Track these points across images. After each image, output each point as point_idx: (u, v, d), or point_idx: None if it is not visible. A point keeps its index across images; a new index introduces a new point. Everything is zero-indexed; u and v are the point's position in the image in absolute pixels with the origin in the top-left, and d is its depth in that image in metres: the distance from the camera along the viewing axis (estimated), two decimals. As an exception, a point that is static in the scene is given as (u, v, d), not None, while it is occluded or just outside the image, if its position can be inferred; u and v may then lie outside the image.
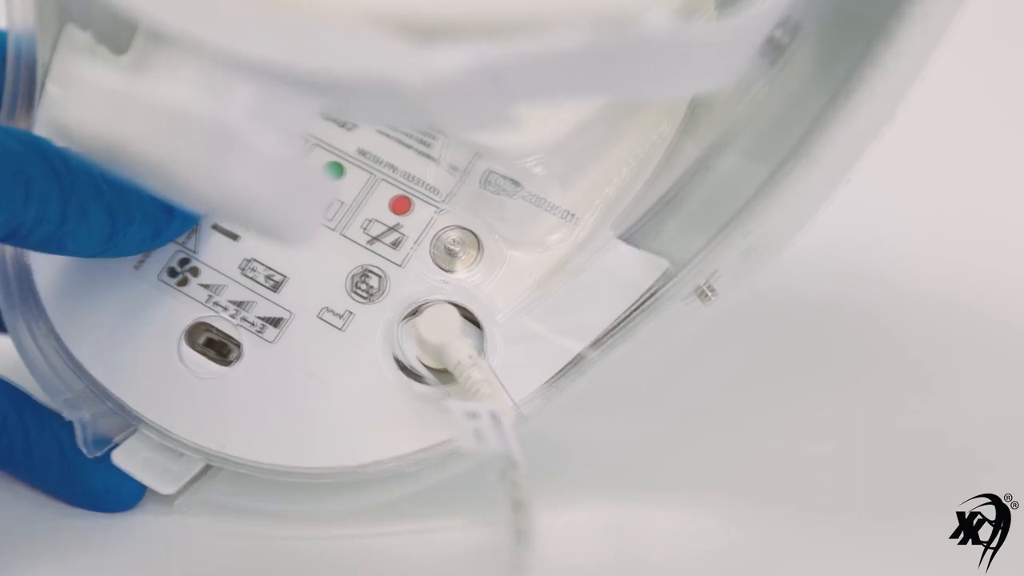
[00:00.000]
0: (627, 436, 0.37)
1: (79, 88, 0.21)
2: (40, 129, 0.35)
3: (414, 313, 0.34)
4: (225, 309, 0.34)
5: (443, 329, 0.32)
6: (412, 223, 0.35)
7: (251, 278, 0.34)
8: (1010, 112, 0.48)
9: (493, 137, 0.20)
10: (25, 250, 0.34)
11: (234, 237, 0.35)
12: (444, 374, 0.33)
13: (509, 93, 0.19)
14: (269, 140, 0.20)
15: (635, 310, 0.33)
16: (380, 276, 0.34)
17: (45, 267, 0.34)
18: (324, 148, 0.36)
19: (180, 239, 0.35)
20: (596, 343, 0.33)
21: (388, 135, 0.36)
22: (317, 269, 0.34)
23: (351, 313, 0.34)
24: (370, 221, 0.35)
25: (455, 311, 0.33)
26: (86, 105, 0.21)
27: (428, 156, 0.36)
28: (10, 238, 0.30)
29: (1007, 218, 0.44)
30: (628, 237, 0.33)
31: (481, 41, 0.18)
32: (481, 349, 0.33)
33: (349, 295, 0.34)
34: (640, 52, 0.18)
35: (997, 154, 0.46)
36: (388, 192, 0.35)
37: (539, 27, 0.18)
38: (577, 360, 0.33)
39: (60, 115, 0.21)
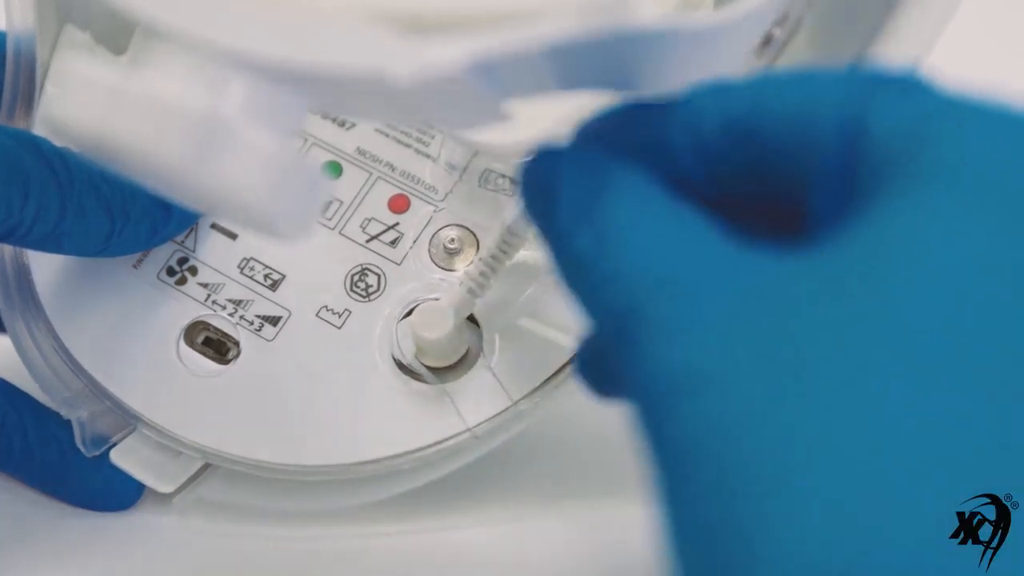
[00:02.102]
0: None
1: (75, 85, 0.21)
2: (39, 129, 0.35)
3: (412, 311, 0.34)
4: (223, 308, 0.34)
5: (439, 326, 0.32)
6: (410, 222, 0.35)
7: (250, 277, 0.34)
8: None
9: (486, 132, 0.20)
10: (24, 249, 0.34)
11: (233, 236, 0.35)
12: (441, 372, 0.33)
13: (501, 87, 0.19)
14: (263, 135, 0.20)
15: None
16: (378, 275, 0.34)
17: (44, 266, 0.34)
18: (322, 147, 0.36)
19: (179, 238, 0.35)
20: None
21: (386, 134, 0.36)
22: (315, 268, 0.34)
23: (349, 311, 0.34)
24: (368, 220, 0.35)
25: (451, 308, 0.33)
26: (82, 102, 0.21)
27: (426, 155, 0.36)
28: (8, 237, 0.30)
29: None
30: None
31: (472, 34, 0.18)
32: (480, 348, 0.33)
33: (347, 294, 0.34)
34: (630, 42, 0.18)
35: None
36: (386, 191, 0.35)
37: (529, 19, 0.18)
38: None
39: (57, 113, 0.21)
